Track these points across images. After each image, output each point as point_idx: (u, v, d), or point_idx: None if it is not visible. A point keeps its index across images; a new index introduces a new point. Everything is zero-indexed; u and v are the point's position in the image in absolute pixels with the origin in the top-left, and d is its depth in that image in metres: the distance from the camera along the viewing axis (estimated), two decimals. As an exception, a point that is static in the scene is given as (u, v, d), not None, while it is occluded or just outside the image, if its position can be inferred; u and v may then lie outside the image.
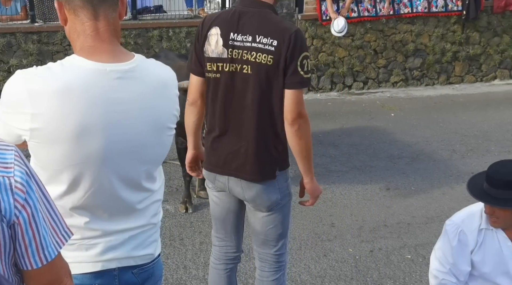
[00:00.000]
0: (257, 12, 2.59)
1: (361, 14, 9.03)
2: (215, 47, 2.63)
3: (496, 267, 2.82)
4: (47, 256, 1.39)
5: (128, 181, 1.88)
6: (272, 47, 2.53)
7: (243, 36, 2.58)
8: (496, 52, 9.86)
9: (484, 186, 2.71)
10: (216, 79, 2.69)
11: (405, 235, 4.89)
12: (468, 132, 7.52)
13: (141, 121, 1.83)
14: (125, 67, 1.80)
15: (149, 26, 8.26)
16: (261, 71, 2.58)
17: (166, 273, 4.24)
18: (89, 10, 1.78)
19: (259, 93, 2.64)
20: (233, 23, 2.59)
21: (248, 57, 2.58)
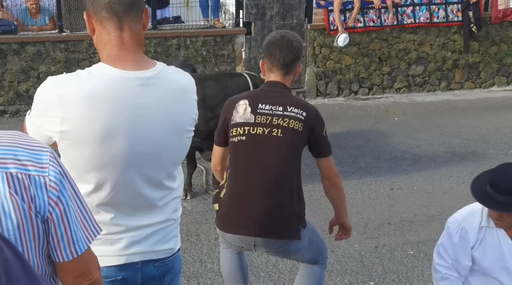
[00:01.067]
0: (282, 91, 2.75)
1: (367, 24, 9.00)
2: (243, 114, 2.71)
3: (495, 262, 2.79)
4: (78, 249, 1.41)
5: (150, 180, 1.89)
6: (302, 117, 2.68)
7: (272, 106, 2.70)
8: (494, 60, 9.79)
9: (488, 190, 2.65)
10: (241, 142, 2.71)
11: (408, 233, 4.86)
12: (468, 135, 7.46)
13: (162, 125, 1.84)
14: (148, 75, 1.82)
15: (168, 35, 8.28)
16: (291, 136, 2.68)
17: (183, 267, 4.25)
18: (114, 21, 1.80)
19: (285, 155, 2.71)
20: (262, 97, 2.73)
21: (279, 122, 2.68)
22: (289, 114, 2.66)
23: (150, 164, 1.86)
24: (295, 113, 2.66)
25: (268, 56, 2.73)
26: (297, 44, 2.73)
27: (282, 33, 2.77)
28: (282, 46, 2.68)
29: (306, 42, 8.93)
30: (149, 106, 1.81)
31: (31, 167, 1.31)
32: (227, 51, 8.55)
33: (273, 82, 2.75)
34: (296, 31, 8.81)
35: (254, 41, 8.70)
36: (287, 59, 2.68)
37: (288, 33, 2.78)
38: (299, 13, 8.82)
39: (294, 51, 2.70)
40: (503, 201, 2.60)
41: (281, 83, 2.75)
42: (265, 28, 8.71)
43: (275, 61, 2.70)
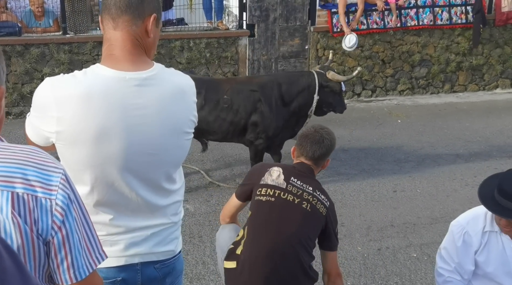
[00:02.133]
0: (311, 176, 2.83)
1: (370, 27, 8.98)
2: (276, 178, 2.76)
3: (499, 267, 2.77)
4: (78, 275, 1.38)
5: (148, 182, 1.88)
6: (327, 204, 2.77)
7: (304, 184, 2.76)
8: (498, 62, 9.75)
9: (496, 196, 2.61)
10: (269, 202, 2.72)
11: (411, 235, 4.83)
12: (471, 138, 7.43)
13: (159, 125, 1.84)
14: (144, 75, 1.82)
15: (172, 37, 8.28)
16: (317, 216, 2.72)
17: (186, 268, 4.24)
18: (109, 21, 1.84)
19: (305, 230, 2.73)
20: (295, 172, 2.79)
21: (309, 198, 2.73)
22: (317, 196, 2.74)
23: (147, 165, 1.86)
24: (322, 198, 2.74)
25: (299, 146, 2.83)
26: (328, 141, 2.81)
27: (317, 128, 2.87)
28: (313, 140, 2.78)
29: (309, 44, 8.92)
30: (144, 107, 1.81)
31: (39, 188, 1.28)
32: (231, 53, 8.55)
33: (304, 164, 2.82)
34: (299, 33, 8.81)
35: (257, 43, 8.69)
36: (316, 153, 2.77)
37: (323, 129, 2.88)
38: (303, 15, 8.81)
39: (325, 148, 2.79)
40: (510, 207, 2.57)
41: (311, 168, 2.83)
42: (268, 30, 8.70)
43: (304, 152, 2.79)
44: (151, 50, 1.91)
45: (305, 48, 8.95)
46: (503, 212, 2.58)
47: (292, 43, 8.87)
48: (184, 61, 8.29)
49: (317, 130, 2.85)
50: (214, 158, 6.54)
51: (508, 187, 2.57)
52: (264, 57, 8.77)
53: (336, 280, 2.91)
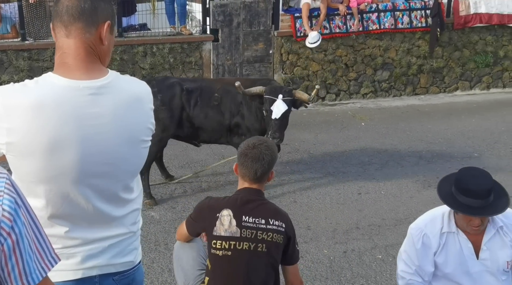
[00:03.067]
0: (260, 200, 2.77)
1: (333, 31, 9.07)
2: (228, 227, 2.70)
3: (457, 267, 2.82)
4: (30, 281, 1.34)
5: (105, 192, 1.84)
6: (283, 229, 2.72)
7: (255, 219, 2.71)
8: (458, 65, 9.98)
9: (460, 199, 2.65)
10: (226, 256, 2.70)
11: (376, 237, 4.89)
12: (433, 139, 7.58)
13: (115, 135, 1.80)
14: (98, 84, 1.78)
15: (134, 43, 8.20)
16: (274, 249, 2.71)
17: (151, 276, 4.18)
18: (62, 28, 1.79)
19: (270, 269, 2.72)
20: (242, 208, 2.73)
21: (264, 237, 2.69)
22: (271, 227, 2.70)
23: (103, 176, 1.81)
24: (277, 226, 2.71)
25: (240, 166, 2.77)
26: (268, 157, 2.74)
27: (256, 144, 2.76)
28: (253, 158, 2.71)
29: (273, 48, 8.96)
30: (99, 116, 1.76)
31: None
32: (195, 58, 8.51)
33: (249, 189, 2.77)
34: (263, 37, 8.84)
35: (221, 48, 8.68)
36: (258, 172, 2.72)
37: (262, 144, 2.76)
38: (266, 20, 8.84)
39: (266, 164, 2.73)
40: (479, 205, 2.61)
41: (257, 190, 2.78)
42: (232, 35, 8.70)
43: (246, 172, 2.74)
44: (105, 58, 1.87)
45: (270, 52, 8.98)
46: (474, 211, 2.63)
47: (256, 47, 8.89)
48: (147, 67, 8.22)
49: (255, 146, 2.75)
50: (180, 164, 6.49)
51: (475, 186, 2.63)
52: (228, 61, 8.76)
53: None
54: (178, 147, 6.95)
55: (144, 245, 4.61)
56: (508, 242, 2.81)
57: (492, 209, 2.64)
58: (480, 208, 2.63)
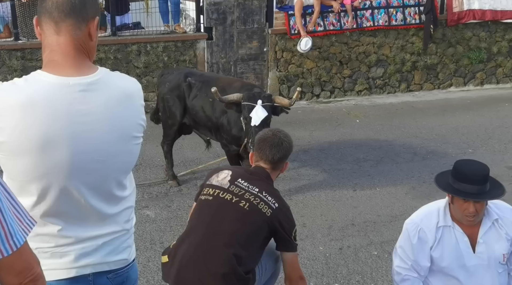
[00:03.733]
0: (266, 179, 2.80)
1: (327, 28, 9.07)
2: (222, 179, 2.76)
3: (453, 261, 2.83)
4: (16, 242, 1.38)
5: (97, 190, 1.83)
6: (274, 206, 2.71)
7: (250, 185, 2.74)
8: (451, 61, 10.01)
9: (456, 186, 2.69)
10: (206, 201, 2.72)
11: (372, 233, 4.90)
12: (428, 136, 7.59)
13: (106, 131, 1.79)
14: (88, 80, 1.77)
15: (128, 42, 8.18)
16: (257, 215, 2.68)
17: (147, 275, 4.18)
18: (51, 25, 1.76)
19: (240, 227, 2.68)
20: (245, 175, 2.79)
21: (250, 198, 2.70)
22: (262, 197, 2.71)
23: (95, 173, 1.80)
24: (268, 200, 2.71)
25: (258, 151, 2.81)
26: (287, 144, 2.82)
27: (275, 131, 2.86)
28: (272, 143, 2.77)
29: (267, 46, 8.95)
30: (90, 113, 1.76)
31: None
32: (189, 56, 8.50)
33: (261, 167, 2.81)
34: (257, 35, 8.84)
35: (216, 46, 8.67)
36: (276, 156, 2.77)
37: (280, 132, 2.87)
38: (260, 18, 8.83)
39: (284, 150, 2.79)
40: (476, 191, 2.64)
41: (267, 172, 2.81)
42: (226, 33, 8.69)
43: (263, 156, 2.78)
44: (93, 54, 1.86)
45: (264, 50, 8.97)
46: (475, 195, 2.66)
47: (250, 45, 8.89)
48: (141, 66, 8.20)
49: (274, 133, 2.84)
50: (175, 162, 6.47)
51: (471, 173, 2.67)
52: (223, 60, 8.75)
53: (298, 284, 2.84)
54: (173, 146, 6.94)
55: (139, 244, 4.60)
56: (503, 235, 2.82)
57: (488, 195, 2.67)
58: (476, 194, 2.66)
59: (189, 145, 7.00)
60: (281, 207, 2.74)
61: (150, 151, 6.68)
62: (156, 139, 7.10)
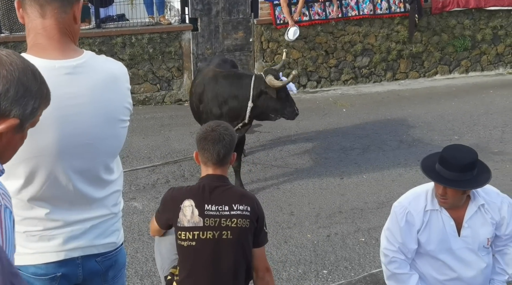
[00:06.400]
0: (224, 185, 2.72)
1: (312, 18, 9.08)
2: (191, 217, 2.65)
3: (440, 244, 2.86)
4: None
5: (85, 173, 1.84)
6: (248, 213, 2.66)
7: (218, 206, 2.66)
8: (436, 49, 10.07)
9: (436, 168, 2.74)
10: (191, 247, 2.65)
11: (359, 220, 4.94)
12: (414, 123, 7.65)
13: (93, 115, 1.80)
14: (74, 63, 1.77)
15: (113, 34, 8.13)
16: (241, 235, 2.66)
17: (136, 266, 4.18)
18: (36, 8, 1.76)
19: (239, 256, 2.68)
20: (205, 196, 2.68)
21: (228, 224, 2.64)
22: (235, 213, 2.65)
23: (83, 156, 1.81)
24: (241, 210, 2.66)
25: (201, 151, 2.71)
26: (229, 138, 2.69)
27: (214, 126, 2.72)
28: (214, 140, 2.66)
29: (253, 36, 8.94)
30: (77, 96, 1.76)
31: None
32: (174, 47, 8.47)
33: (212, 176, 2.72)
34: (243, 26, 8.82)
35: (201, 37, 8.65)
36: (220, 153, 2.67)
37: (220, 126, 2.73)
38: (245, 8, 8.81)
39: (227, 145, 2.68)
40: (449, 177, 2.69)
41: (220, 176, 2.73)
42: (211, 23, 8.66)
43: (209, 155, 2.68)
44: (77, 37, 1.86)
45: (250, 41, 8.96)
46: (441, 180, 2.71)
47: (236, 36, 8.87)
48: (126, 58, 8.15)
49: (214, 128, 2.71)
50: (162, 154, 6.47)
51: (449, 158, 2.71)
52: (208, 51, 8.73)
53: (264, 275, 2.79)
54: (160, 138, 6.94)
55: (127, 235, 4.60)
56: (489, 220, 2.86)
57: (460, 184, 2.69)
58: (449, 180, 2.69)
59: (176, 137, 6.99)
60: (251, 209, 2.67)
61: (136, 143, 6.66)
62: (142, 132, 7.09)
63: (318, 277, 4.08)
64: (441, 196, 2.76)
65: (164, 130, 7.26)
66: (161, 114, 7.99)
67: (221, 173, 2.72)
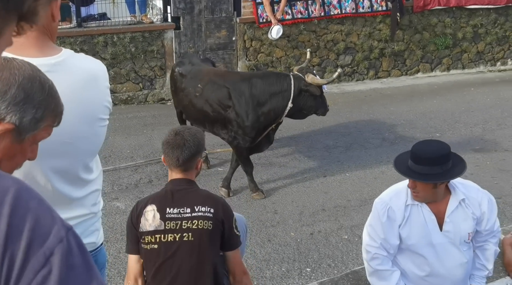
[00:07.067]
0: (188, 188, 2.69)
1: (295, 16, 9.10)
2: (152, 221, 2.63)
3: (420, 239, 2.89)
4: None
5: (64, 173, 1.83)
6: (211, 214, 2.62)
7: (180, 209, 2.63)
8: (418, 47, 10.15)
9: (409, 163, 2.79)
10: (153, 250, 2.64)
11: (342, 218, 4.97)
12: (396, 121, 7.70)
13: (71, 113, 1.78)
14: (52, 61, 1.76)
15: (94, 33, 8.07)
16: (203, 236, 2.62)
17: (118, 266, 4.16)
18: None
19: (202, 257, 2.65)
20: (168, 200, 2.66)
21: (189, 226, 2.61)
22: (197, 214, 2.62)
23: (62, 155, 1.80)
24: (203, 212, 2.62)
25: (165, 155, 2.68)
26: (191, 143, 2.63)
27: (178, 131, 2.68)
28: (174, 145, 2.63)
29: (236, 35, 8.93)
30: None
31: None
32: (157, 46, 8.43)
33: (176, 180, 2.70)
34: (226, 24, 8.81)
35: (183, 36, 8.62)
36: (180, 159, 2.62)
37: (184, 131, 2.68)
38: (228, 7, 8.80)
39: (188, 150, 2.62)
40: (418, 170, 2.73)
41: (185, 180, 2.70)
42: (194, 22, 8.64)
43: (170, 160, 2.66)
44: (55, 35, 1.84)
45: (233, 39, 8.95)
46: (409, 173, 2.76)
47: (219, 35, 8.85)
48: (108, 57, 8.10)
49: (178, 133, 2.67)
50: (145, 154, 6.44)
51: (417, 152, 2.77)
52: (191, 49, 8.70)
53: (242, 279, 2.75)
54: (143, 137, 6.91)
55: (110, 236, 4.57)
56: (470, 215, 2.89)
57: (433, 177, 2.74)
58: (416, 173, 2.74)
59: (159, 136, 6.96)
60: (215, 211, 2.64)
61: (119, 143, 6.62)
62: (125, 131, 7.05)
63: (302, 275, 4.10)
64: (412, 190, 2.81)
65: (147, 130, 7.23)
66: (144, 114, 7.95)
67: (186, 177, 2.69)
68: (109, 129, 2.02)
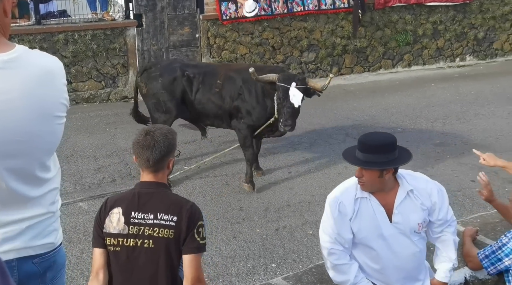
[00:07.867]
0: (156, 191, 2.65)
1: (258, 13, 9.10)
2: (116, 224, 2.60)
3: (371, 231, 2.94)
4: None
5: (19, 172, 1.78)
6: (173, 223, 2.58)
7: (144, 214, 2.60)
8: (380, 44, 10.30)
9: (356, 153, 2.90)
10: (116, 252, 2.61)
11: (307, 213, 5.01)
12: (359, 117, 7.80)
13: (25, 111, 1.74)
14: (5, 58, 1.72)
15: (54, 31, 7.91)
16: (163, 245, 2.59)
17: (81, 267, 4.10)
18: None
19: (162, 265, 2.61)
20: (134, 203, 2.63)
21: (150, 233, 2.58)
22: (159, 222, 2.58)
23: (16, 154, 1.76)
24: (165, 220, 2.58)
25: (135, 155, 2.64)
26: (161, 144, 2.59)
27: (148, 131, 2.63)
28: (144, 146, 2.58)
29: (199, 32, 8.89)
30: (7, 92, 1.70)
31: None
32: (119, 44, 8.32)
33: (145, 182, 2.67)
34: (189, 21, 8.76)
35: (146, 33, 8.53)
36: (151, 160, 2.58)
37: (155, 132, 2.63)
38: (191, 4, 8.75)
39: (158, 151, 2.58)
40: (363, 158, 2.80)
41: (155, 183, 2.66)
42: (156, 19, 8.56)
43: (140, 161, 2.62)
44: (7, 31, 1.80)
45: (196, 36, 8.91)
46: (354, 161, 2.89)
47: (182, 32, 8.80)
48: (69, 55, 7.96)
49: (148, 133, 2.62)
50: (108, 153, 6.35)
51: (363, 140, 2.89)
52: (154, 47, 8.62)
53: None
54: (105, 136, 6.81)
55: (73, 236, 4.51)
56: (419, 205, 2.95)
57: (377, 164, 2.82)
58: (361, 160, 2.85)
59: (122, 135, 6.88)
60: (178, 219, 2.59)
61: (81, 142, 6.51)
62: (87, 130, 6.94)
63: (267, 270, 4.12)
64: (358, 178, 2.87)
65: (110, 128, 7.14)
66: (106, 112, 7.84)
67: (156, 179, 2.66)
68: (71, 128, 1.99)
